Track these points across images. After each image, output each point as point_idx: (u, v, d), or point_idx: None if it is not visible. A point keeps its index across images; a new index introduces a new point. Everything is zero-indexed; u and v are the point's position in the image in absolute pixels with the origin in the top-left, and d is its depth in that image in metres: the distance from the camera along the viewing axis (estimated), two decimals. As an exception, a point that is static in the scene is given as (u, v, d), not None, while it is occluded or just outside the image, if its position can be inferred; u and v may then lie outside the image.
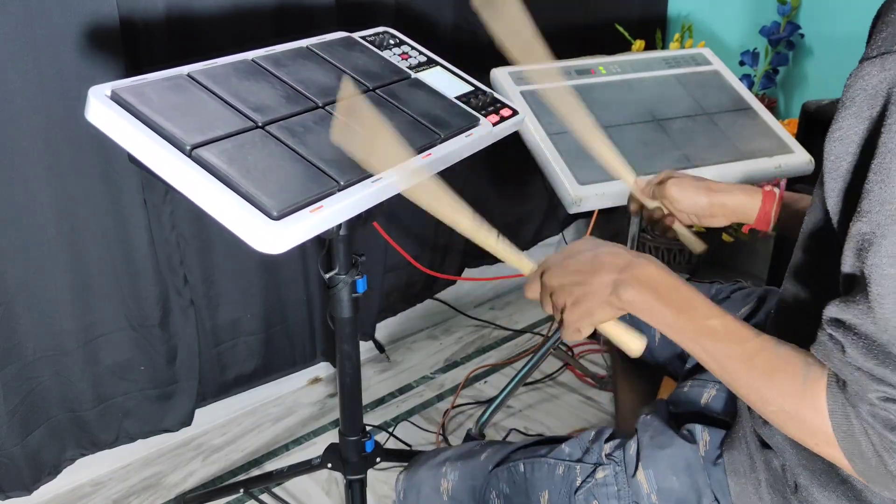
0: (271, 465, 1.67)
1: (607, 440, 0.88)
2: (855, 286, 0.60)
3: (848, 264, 0.60)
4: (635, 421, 0.90)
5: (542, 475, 0.88)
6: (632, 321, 0.77)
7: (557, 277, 0.76)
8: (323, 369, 1.95)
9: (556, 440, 0.93)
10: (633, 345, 0.77)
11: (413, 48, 1.35)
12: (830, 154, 0.63)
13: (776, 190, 1.06)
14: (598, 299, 0.74)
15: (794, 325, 0.69)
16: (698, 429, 0.84)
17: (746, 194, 1.06)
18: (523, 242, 2.26)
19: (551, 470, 0.88)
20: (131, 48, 1.34)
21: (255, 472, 1.65)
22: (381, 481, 1.59)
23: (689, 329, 0.70)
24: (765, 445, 0.76)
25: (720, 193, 1.08)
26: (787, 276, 0.75)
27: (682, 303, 0.70)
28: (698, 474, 0.81)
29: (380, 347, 2.03)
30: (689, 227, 1.15)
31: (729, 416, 0.85)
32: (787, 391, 0.64)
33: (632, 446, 0.85)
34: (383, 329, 2.08)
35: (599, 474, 0.85)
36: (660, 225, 1.14)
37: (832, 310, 0.61)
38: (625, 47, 2.07)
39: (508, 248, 0.84)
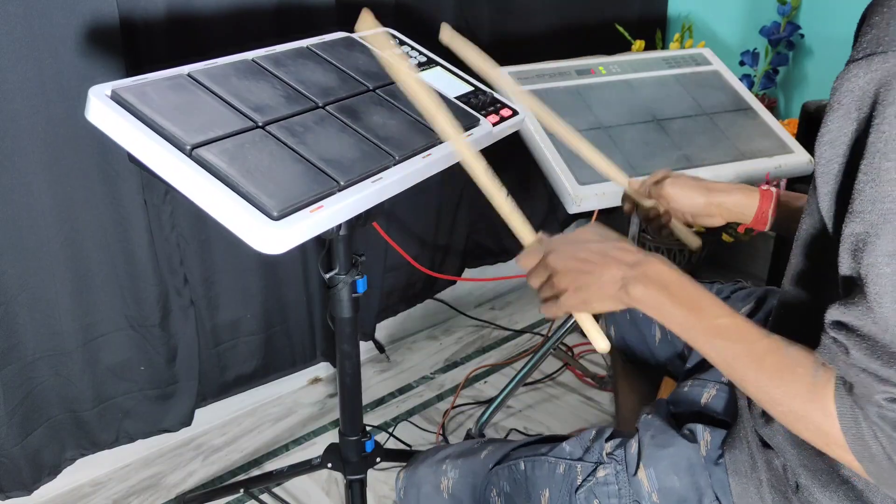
0: (271, 465, 1.67)
1: (608, 439, 0.88)
2: (854, 288, 0.60)
3: (845, 266, 0.60)
4: (636, 421, 0.90)
5: (543, 474, 0.88)
6: (632, 318, 0.77)
7: (563, 261, 0.76)
8: (323, 369, 1.95)
9: (557, 439, 0.93)
10: (601, 343, 0.78)
11: (413, 48, 1.35)
12: (821, 157, 0.63)
13: (773, 189, 1.06)
14: (603, 292, 0.74)
15: (795, 328, 0.69)
16: (699, 428, 0.84)
17: (744, 194, 1.06)
18: (523, 242, 2.26)
19: (552, 468, 0.88)
20: (131, 48, 1.34)
21: (255, 472, 1.65)
22: (381, 481, 1.59)
23: (698, 327, 0.70)
24: (766, 445, 0.76)
25: (718, 193, 1.08)
26: (786, 279, 0.75)
27: (692, 301, 0.71)
28: (699, 474, 0.81)
29: (380, 347, 2.03)
30: (686, 225, 1.15)
31: (729, 416, 0.85)
32: (795, 393, 0.63)
33: (633, 445, 0.85)
34: (383, 329, 2.08)
35: (600, 473, 0.85)
36: (655, 223, 1.14)
37: (833, 312, 0.61)
38: (625, 47, 2.07)
39: (515, 211, 0.84)
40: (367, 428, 1.36)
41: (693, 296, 0.71)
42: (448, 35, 1.01)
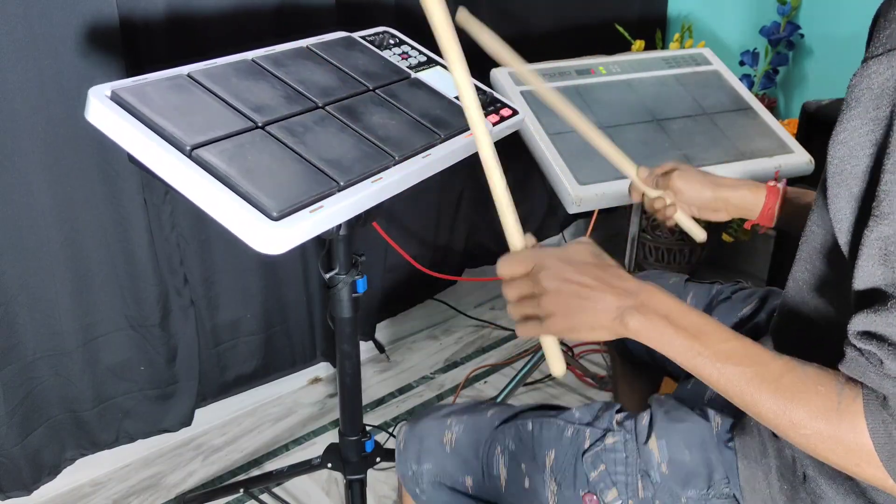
0: (271, 465, 1.67)
1: (618, 411, 0.88)
2: (880, 294, 0.57)
3: (867, 272, 0.57)
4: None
5: (551, 435, 0.88)
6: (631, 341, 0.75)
7: (555, 281, 0.71)
8: (323, 369, 1.95)
9: (564, 408, 0.92)
10: (558, 366, 0.78)
11: (413, 48, 1.35)
12: (834, 157, 0.60)
13: (780, 186, 1.06)
14: (596, 320, 0.70)
15: (798, 334, 0.68)
16: (711, 411, 0.83)
17: (751, 190, 1.06)
18: (523, 242, 2.26)
19: (560, 431, 0.87)
20: (131, 48, 1.34)
21: (255, 472, 1.65)
22: (381, 481, 1.59)
23: (705, 354, 0.66)
24: (775, 435, 0.75)
25: (725, 188, 1.08)
26: (790, 283, 0.74)
27: (695, 328, 0.67)
28: (712, 451, 0.80)
29: (380, 347, 2.03)
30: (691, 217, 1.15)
31: (732, 413, 0.85)
32: (820, 412, 0.60)
33: (644, 418, 0.85)
34: (383, 329, 2.08)
35: (609, 440, 0.84)
36: (661, 213, 1.13)
37: (860, 322, 0.58)
38: (625, 47, 2.07)
39: (511, 207, 0.78)
40: (367, 428, 1.36)
41: (696, 322, 0.67)
42: (464, 17, 0.98)
